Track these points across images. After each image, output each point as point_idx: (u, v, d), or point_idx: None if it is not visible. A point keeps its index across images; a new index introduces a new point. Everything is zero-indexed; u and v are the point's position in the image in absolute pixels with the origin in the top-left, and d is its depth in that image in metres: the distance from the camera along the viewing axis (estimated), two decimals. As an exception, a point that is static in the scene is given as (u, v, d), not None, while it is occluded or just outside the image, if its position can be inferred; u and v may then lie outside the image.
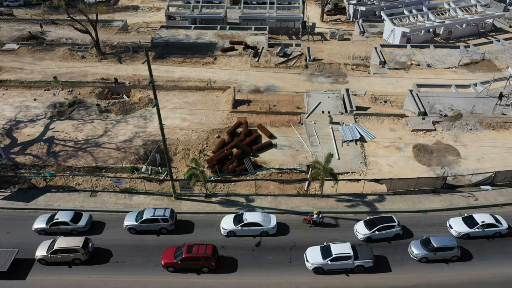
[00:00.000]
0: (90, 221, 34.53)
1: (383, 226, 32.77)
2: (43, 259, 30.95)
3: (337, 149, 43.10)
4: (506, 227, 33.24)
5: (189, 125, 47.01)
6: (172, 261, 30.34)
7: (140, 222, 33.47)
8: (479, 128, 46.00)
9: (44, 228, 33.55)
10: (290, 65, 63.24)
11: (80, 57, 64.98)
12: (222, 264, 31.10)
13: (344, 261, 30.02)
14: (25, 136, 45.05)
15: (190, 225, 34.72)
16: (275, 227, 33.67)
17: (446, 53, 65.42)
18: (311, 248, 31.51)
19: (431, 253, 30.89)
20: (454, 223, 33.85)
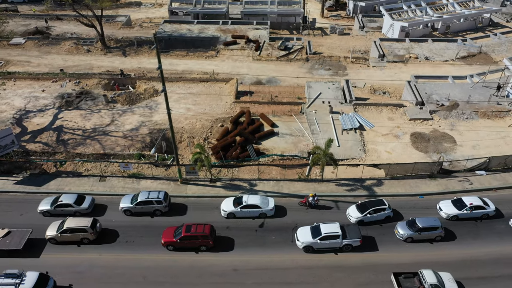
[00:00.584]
0: (92, 203, 35.97)
1: (374, 209, 34.03)
2: (53, 238, 32.39)
3: (337, 137, 44.53)
4: (493, 209, 34.66)
5: (194, 114, 48.46)
6: (172, 239, 31.76)
7: (135, 204, 34.88)
8: (475, 117, 47.43)
9: (49, 209, 34.95)
10: (291, 58, 64.65)
11: (85, 51, 66.39)
12: (222, 243, 32.67)
13: (332, 240, 31.41)
14: (34, 125, 46.52)
15: (183, 208, 36.13)
16: (273, 209, 35.12)
17: (444, 47, 66.79)
18: (302, 228, 32.97)
19: (416, 233, 32.27)
20: (444, 206, 35.28)
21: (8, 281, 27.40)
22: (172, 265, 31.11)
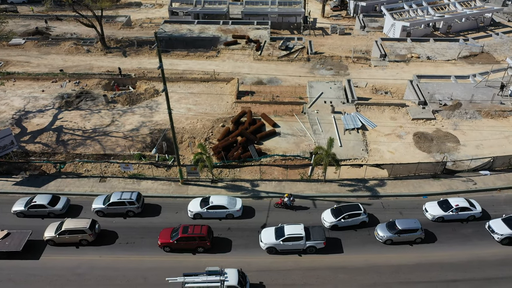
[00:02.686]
0: (67, 204, 35.57)
1: (349, 214, 33.27)
2: (51, 239, 31.99)
3: (339, 137, 44.15)
4: (480, 210, 34.14)
5: (194, 114, 48.08)
6: (169, 241, 31.38)
7: (107, 205, 34.56)
8: (478, 117, 47.04)
9: (22, 210, 34.54)
10: (292, 58, 64.30)
11: (85, 51, 66.05)
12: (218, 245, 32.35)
13: (296, 242, 30.96)
14: (34, 126, 46.14)
15: (185, 208, 35.56)
16: (241, 210, 34.77)
17: (445, 46, 66.45)
18: (266, 229, 32.54)
19: (395, 235, 31.77)
20: (429, 207, 34.80)
21: (214, 279, 27.08)
22: (175, 266, 30.63)
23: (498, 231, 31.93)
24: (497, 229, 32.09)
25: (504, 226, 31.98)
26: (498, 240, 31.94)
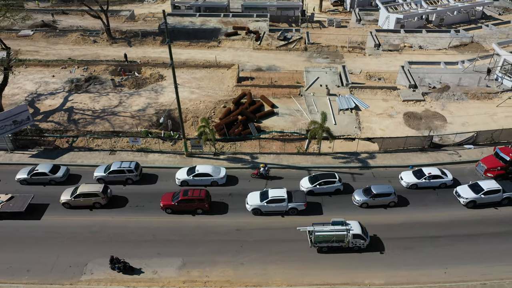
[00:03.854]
0: (67, 173, 38.30)
1: (324, 181, 35.87)
2: (67, 202, 34.74)
3: (334, 116, 46.94)
4: (451, 178, 36.91)
5: (197, 97, 50.87)
6: (170, 203, 34.13)
7: (108, 173, 37.29)
8: (465, 98, 49.85)
9: (26, 178, 37.21)
10: (290, 47, 67.15)
11: (92, 42, 68.84)
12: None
13: (279, 204, 33.73)
14: (46, 107, 48.91)
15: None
16: (224, 177, 37.56)
17: (437, 37, 69.39)
18: (252, 193, 35.26)
19: (371, 199, 34.51)
20: (404, 175, 37.59)
21: (340, 228, 30.15)
22: (180, 226, 33.49)
23: (464, 195, 34.81)
24: (463, 193, 34.97)
25: (469, 191, 34.88)
26: (464, 203, 34.81)
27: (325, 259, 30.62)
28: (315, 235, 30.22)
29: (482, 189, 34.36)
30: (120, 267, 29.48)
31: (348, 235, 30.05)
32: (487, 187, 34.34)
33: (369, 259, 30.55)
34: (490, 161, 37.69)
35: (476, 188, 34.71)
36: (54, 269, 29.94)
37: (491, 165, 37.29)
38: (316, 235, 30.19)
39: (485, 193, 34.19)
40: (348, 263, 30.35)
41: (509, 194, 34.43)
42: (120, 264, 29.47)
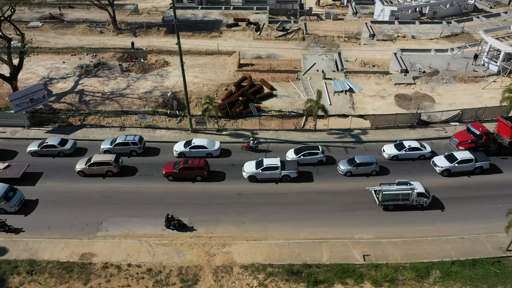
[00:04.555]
0: (74, 146, 41.25)
1: (308, 153, 38.91)
2: (82, 171, 37.72)
3: (329, 97, 49.93)
4: (429, 150, 39.95)
5: (201, 81, 53.88)
6: (172, 170, 37.13)
7: (114, 145, 40.15)
8: (453, 82, 52.85)
9: (36, 150, 40.10)
10: (289, 37, 70.17)
11: (98, 32, 71.81)
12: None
13: (273, 171, 36.74)
14: (58, 89, 51.88)
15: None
16: (219, 149, 40.51)
17: (429, 27, 72.38)
18: (248, 162, 38.32)
19: (354, 167, 37.53)
20: (386, 148, 40.63)
21: (405, 187, 33.40)
22: (186, 191, 36.53)
23: (439, 164, 37.92)
24: (439, 163, 38.09)
25: (445, 161, 37.99)
26: (439, 171, 37.92)
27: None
28: (382, 194, 33.30)
29: (456, 158, 37.46)
30: (175, 224, 32.48)
31: (412, 194, 33.10)
32: (461, 157, 37.47)
33: (363, 218, 33.59)
34: (462, 136, 40.81)
35: (451, 158, 37.83)
36: (72, 227, 32.90)
37: (463, 139, 40.36)
38: (383, 194, 33.27)
39: (459, 162, 37.31)
40: (340, 221, 33.39)
41: (481, 163, 37.60)
42: (175, 222, 32.44)
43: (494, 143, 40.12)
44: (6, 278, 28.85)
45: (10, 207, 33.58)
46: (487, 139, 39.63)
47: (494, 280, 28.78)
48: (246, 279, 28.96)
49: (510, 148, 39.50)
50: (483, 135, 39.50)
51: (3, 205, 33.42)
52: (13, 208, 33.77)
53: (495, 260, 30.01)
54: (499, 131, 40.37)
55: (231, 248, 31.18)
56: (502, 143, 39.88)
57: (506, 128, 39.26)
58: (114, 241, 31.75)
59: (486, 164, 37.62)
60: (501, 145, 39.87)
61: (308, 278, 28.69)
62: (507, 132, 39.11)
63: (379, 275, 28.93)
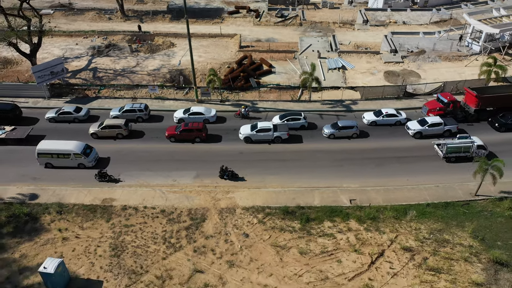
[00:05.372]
0: (88, 113, 45.52)
1: (291, 118, 43.14)
2: (95, 133, 42.04)
3: (324, 74, 54.18)
4: (405, 117, 44.30)
5: (205, 60, 58.14)
6: (174, 132, 41.46)
7: (122, 112, 44.42)
8: (438, 60, 57.10)
9: (54, 116, 44.35)
10: (287, 23, 74.37)
11: (107, 19, 76.02)
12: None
13: (266, 133, 41.06)
14: (73, 67, 56.14)
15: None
16: (215, 116, 44.77)
17: (420, 14, 76.56)
18: (244, 125, 42.64)
19: (336, 130, 41.80)
20: (366, 115, 44.92)
21: (465, 140, 38.27)
22: (193, 150, 40.87)
23: (411, 128, 42.34)
24: (411, 126, 42.50)
25: (417, 124, 42.42)
26: (411, 134, 42.34)
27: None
28: (446, 147, 37.60)
29: (427, 122, 41.90)
30: (229, 174, 36.86)
31: (473, 146, 37.50)
32: (431, 121, 41.94)
33: (350, 171, 37.92)
34: (432, 104, 45.22)
35: (423, 122, 42.30)
36: (93, 179, 37.18)
37: (432, 107, 44.74)
38: (447, 147, 37.60)
39: (430, 125, 41.71)
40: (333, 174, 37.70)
41: (450, 127, 42.12)
42: (229, 172, 36.78)
43: (462, 111, 44.50)
44: (39, 217, 33.19)
45: (88, 162, 38.14)
46: (454, 107, 44.01)
47: (463, 218, 33.11)
48: (247, 217, 33.28)
49: (475, 115, 44.02)
50: (450, 103, 43.83)
51: (82, 160, 37.88)
52: (91, 163, 38.33)
53: (465, 203, 34.35)
54: (466, 101, 44.78)
55: (234, 195, 35.52)
56: (468, 111, 44.28)
57: (471, 97, 43.63)
58: (131, 189, 36.08)
59: (454, 128, 42.14)
60: (468, 113, 44.28)
61: (301, 217, 33.00)
62: (473, 101, 43.50)
63: (363, 214, 33.26)
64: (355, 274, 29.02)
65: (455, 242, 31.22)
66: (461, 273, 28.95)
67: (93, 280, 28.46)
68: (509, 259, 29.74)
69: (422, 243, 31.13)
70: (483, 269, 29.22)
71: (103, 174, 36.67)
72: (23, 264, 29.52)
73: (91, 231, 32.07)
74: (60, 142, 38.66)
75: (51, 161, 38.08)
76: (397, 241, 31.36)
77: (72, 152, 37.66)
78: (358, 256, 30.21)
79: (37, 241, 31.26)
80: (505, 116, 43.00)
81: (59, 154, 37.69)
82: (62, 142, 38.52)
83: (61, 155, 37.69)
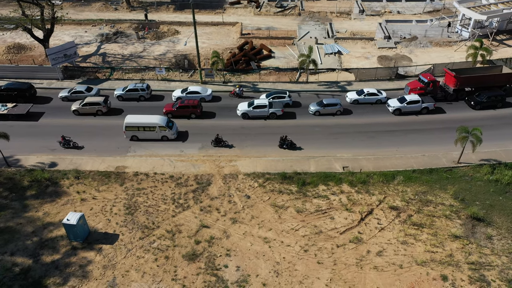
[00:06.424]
0: (98, 92, 48.64)
1: (277, 96, 46.25)
2: (76, 110, 45.14)
3: (320, 58, 57.27)
4: (385, 96, 47.35)
5: (208, 46, 61.23)
6: (171, 109, 44.56)
7: (125, 91, 47.54)
8: (429, 46, 60.16)
9: (67, 95, 47.61)
10: (286, 13, 77.39)
11: (113, 9, 79.04)
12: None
13: (262, 109, 44.18)
14: (83, 52, 59.28)
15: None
16: (211, 95, 47.76)
17: (414, 4, 79.51)
18: (242, 103, 45.77)
19: (322, 107, 44.93)
20: (349, 94, 48.02)
21: None
22: (198, 126, 44.00)
23: (391, 105, 45.45)
24: (391, 103, 45.62)
25: (396, 102, 45.57)
26: (391, 111, 45.49)
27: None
28: None
29: (406, 100, 45.04)
30: (288, 144, 40.02)
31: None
32: (410, 98, 45.11)
33: (342, 143, 41.09)
34: (413, 84, 48.36)
35: (402, 100, 45.47)
36: (106, 150, 40.36)
37: (414, 86, 47.83)
38: None
39: (408, 103, 44.83)
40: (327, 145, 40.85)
41: (427, 104, 45.26)
42: (288, 141, 39.98)
43: (441, 91, 47.56)
44: (59, 181, 36.38)
45: (171, 135, 41.29)
46: (434, 86, 47.07)
47: (445, 182, 36.27)
48: (249, 182, 36.46)
49: (454, 95, 47.14)
50: (430, 83, 46.88)
51: (166, 132, 41.03)
52: (174, 135, 41.48)
53: (448, 169, 37.50)
54: (446, 81, 47.85)
55: (237, 163, 38.69)
56: (447, 91, 47.36)
57: (450, 78, 46.72)
58: (141, 159, 39.26)
59: (431, 105, 45.25)
60: (447, 93, 47.38)
61: (298, 181, 36.18)
62: (452, 81, 46.59)
63: (354, 179, 36.42)
64: (346, 228, 32.20)
65: (438, 202, 34.38)
66: (441, 227, 32.12)
67: (110, 234, 31.66)
68: (485, 216, 32.93)
69: (407, 203, 34.28)
70: (462, 224, 32.39)
71: (219, 139, 40.23)
72: (46, 220, 32.72)
73: (106, 193, 35.26)
74: (144, 116, 41.74)
75: (137, 133, 41.09)
76: (385, 201, 34.51)
77: (157, 125, 40.61)
78: (349, 214, 33.38)
79: (58, 201, 34.45)
80: (480, 95, 46.13)
81: (145, 127, 40.67)
82: (146, 116, 41.61)
83: (147, 128, 40.67)
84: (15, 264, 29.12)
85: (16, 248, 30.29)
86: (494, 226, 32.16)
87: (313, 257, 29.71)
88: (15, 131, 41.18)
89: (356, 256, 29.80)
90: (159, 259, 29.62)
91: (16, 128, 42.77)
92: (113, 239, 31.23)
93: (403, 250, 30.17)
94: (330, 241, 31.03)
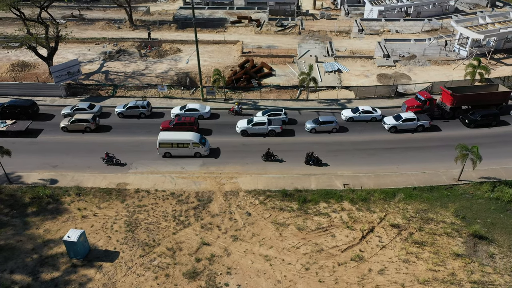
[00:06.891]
0: (100, 109, 49.08)
1: (273, 113, 46.69)
2: (65, 126, 45.47)
3: (321, 76, 57.99)
4: (380, 113, 47.71)
5: (209, 64, 62.08)
6: (168, 126, 44.84)
7: (126, 108, 47.95)
8: (428, 64, 60.97)
9: (69, 112, 48.03)
10: (287, 32, 78.69)
11: (116, 28, 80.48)
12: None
13: (261, 126, 44.54)
14: (86, 70, 60.06)
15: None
16: (209, 112, 48.25)
17: (412, 24, 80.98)
18: (241, 120, 46.10)
19: (318, 125, 45.25)
20: (344, 111, 48.41)
21: None
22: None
23: (387, 122, 45.82)
24: (387, 121, 45.98)
25: (392, 119, 45.98)
26: (387, 128, 45.78)
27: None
28: None
29: (401, 117, 45.48)
30: (314, 160, 40.28)
31: None
32: (405, 116, 45.53)
33: (342, 160, 41.24)
34: (411, 102, 48.89)
35: (398, 118, 45.85)
36: (108, 166, 40.54)
37: (411, 104, 48.34)
38: None
39: (404, 120, 45.23)
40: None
41: (423, 122, 45.57)
42: (314, 158, 40.23)
43: (438, 109, 48.02)
44: (60, 198, 36.42)
45: (204, 151, 41.44)
46: (430, 104, 47.56)
47: (446, 200, 36.29)
48: (250, 199, 36.49)
49: (451, 113, 47.63)
50: (426, 101, 47.37)
51: (200, 149, 41.21)
52: (206, 152, 41.60)
53: (448, 187, 37.58)
54: (443, 99, 48.37)
55: (237, 180, 38.78)
56: (444, 108, 47.84)
57: (447, 96, 47.27)
58: (142, 175, 39.37)
59: (426, 123, 45.62)
60: (444, 111, 47.84)
61: (299, 198, 36.20)
62: (449, 99, 47.12)
63: (355, 196, 36.45)
64: (347, 246, 32.07)
65: (439, 219, 34.33)
66: (443, 245, 31.99)
67: (110, 251, 31.53)
68: (487, 233, 32.85)
69: (408, 220, 34.24)
70: (464, 242, 32.28)
71: (270, 154, 40.58)
72: (47, 237, 32.62)
73: (107, 210, 35.25)
74: (177, 132, 42.17)
75: (170, 150, 41.27)
76: (386, 219, 34.47)
77: (191, 142, 40.85)
78: (350, 231, 33.30)
79: (58, 218, 34.42)
80: (474, 114, 46.56)
81: (179, 143, 40.89)
82: (179, 133, 41.98)
83: (180, 144, 40.87)
84: (15, 282, 28.92)
85: (16, 265, 30.13)
86: (496, 244, 32.05)
87: (315, 276, 29.52)
88: (17, 148, 41.45)
89: (358, 275, 29.61)
90: (160, 277, 29.44)
91: (18, 145, 43.06)
92: (114, 257, 31.08)
93: (405, 269, 29.99)
94: (332, 259, 30.87)
